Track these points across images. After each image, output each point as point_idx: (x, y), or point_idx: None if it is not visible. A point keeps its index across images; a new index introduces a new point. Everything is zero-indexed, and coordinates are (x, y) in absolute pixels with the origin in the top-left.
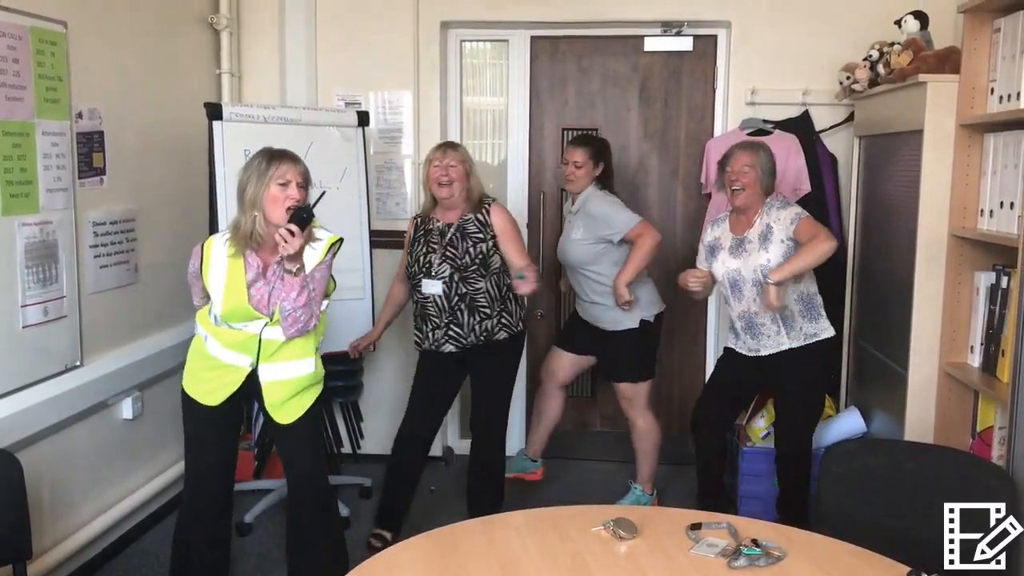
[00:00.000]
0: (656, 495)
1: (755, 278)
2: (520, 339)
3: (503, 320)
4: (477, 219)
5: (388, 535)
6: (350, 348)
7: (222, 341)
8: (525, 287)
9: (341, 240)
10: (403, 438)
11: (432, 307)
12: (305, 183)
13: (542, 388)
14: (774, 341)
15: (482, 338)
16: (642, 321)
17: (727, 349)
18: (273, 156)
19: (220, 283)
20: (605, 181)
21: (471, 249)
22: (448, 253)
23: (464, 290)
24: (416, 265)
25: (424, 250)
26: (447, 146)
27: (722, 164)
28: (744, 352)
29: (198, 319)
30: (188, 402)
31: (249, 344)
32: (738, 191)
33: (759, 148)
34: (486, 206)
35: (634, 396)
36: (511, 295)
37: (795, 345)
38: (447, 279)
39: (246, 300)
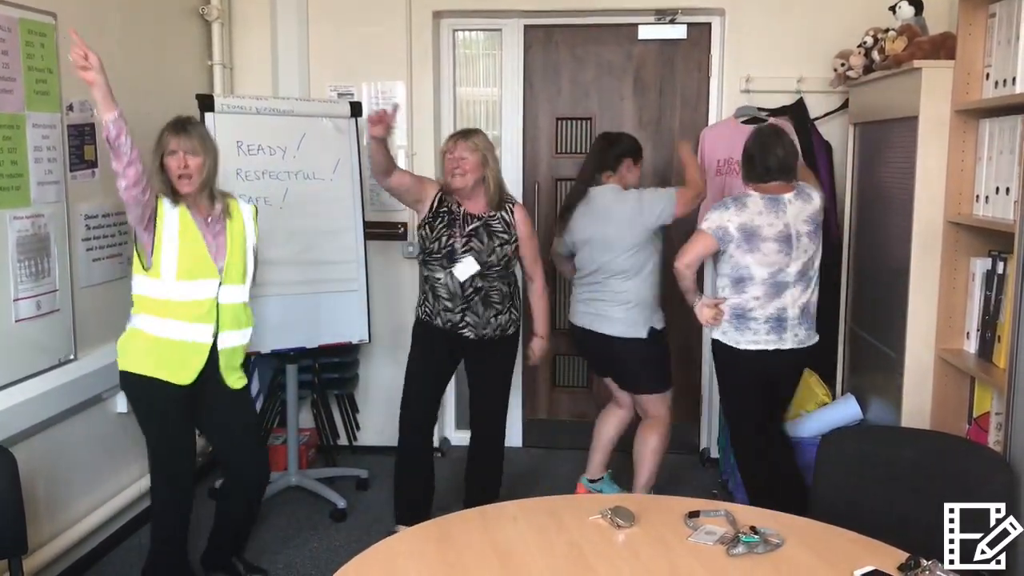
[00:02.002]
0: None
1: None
2: (520, 335)
3: (512, 315)
4: (503, 217)
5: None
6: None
7: (178, 314)
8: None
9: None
10: (411, 426)
11: (443, 289)
12: (197, 151)
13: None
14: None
15: (497, 332)
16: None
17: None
18: (166, 128)
19: (174, 231)
20: None
21: (497, 249)
22: (472, 244)
23: (480, 285)
24: (437, 244)
25: (447, 233)
26: (459, 136)
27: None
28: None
29: (138, 309)
30: (151, 385)
31: (209, 313)
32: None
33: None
34: (509, 205)
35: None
36: (516, 291)
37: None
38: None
39: (204, 245)
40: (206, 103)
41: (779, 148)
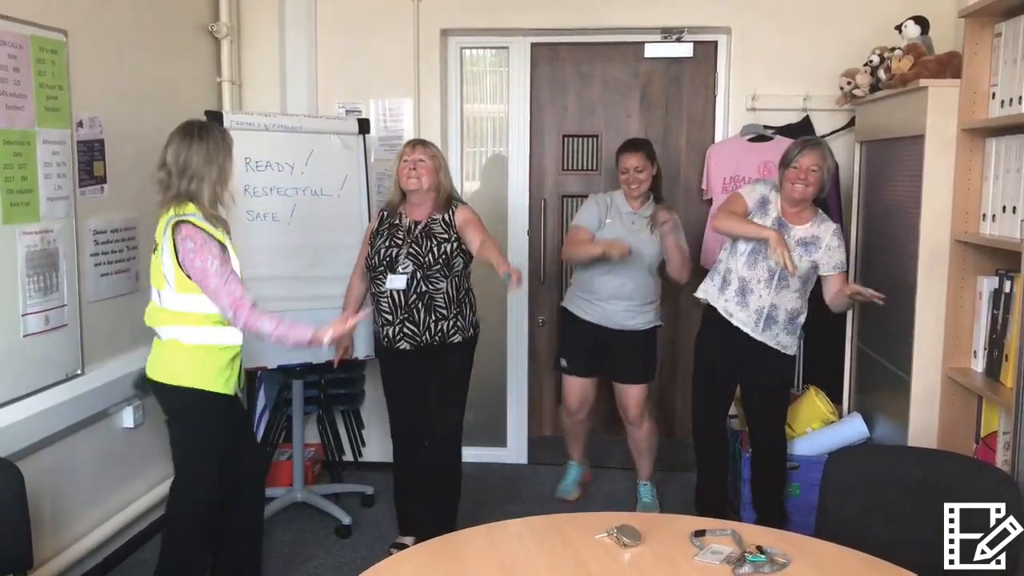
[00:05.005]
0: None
1: (783, 274)
2: (473, 344)
3: (458, 323)
4: (443, 219)
5: (409, 541)
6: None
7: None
8: (513, 290)
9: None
10: (398, 442)
11: (387, 302)
12: None
13: (574, 418)
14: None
15: (437, 339)
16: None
17: (710, 329)
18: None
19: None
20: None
21: (435, 248)
22: (412, 250)
23: (424, 288)
24: (377, 257)
25: (388, 243)
26: (416, 142)
27: (788, 158)
28: (738, 325)
29: (209, 320)
30: (219, 401)
31: None
32: (802, 187)
33: (828, 152)
34: (453, 208)
35: (646, 397)
36: (468, 299)
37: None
38: (409, 276)
39: None
40: (215, 120)
41: None
